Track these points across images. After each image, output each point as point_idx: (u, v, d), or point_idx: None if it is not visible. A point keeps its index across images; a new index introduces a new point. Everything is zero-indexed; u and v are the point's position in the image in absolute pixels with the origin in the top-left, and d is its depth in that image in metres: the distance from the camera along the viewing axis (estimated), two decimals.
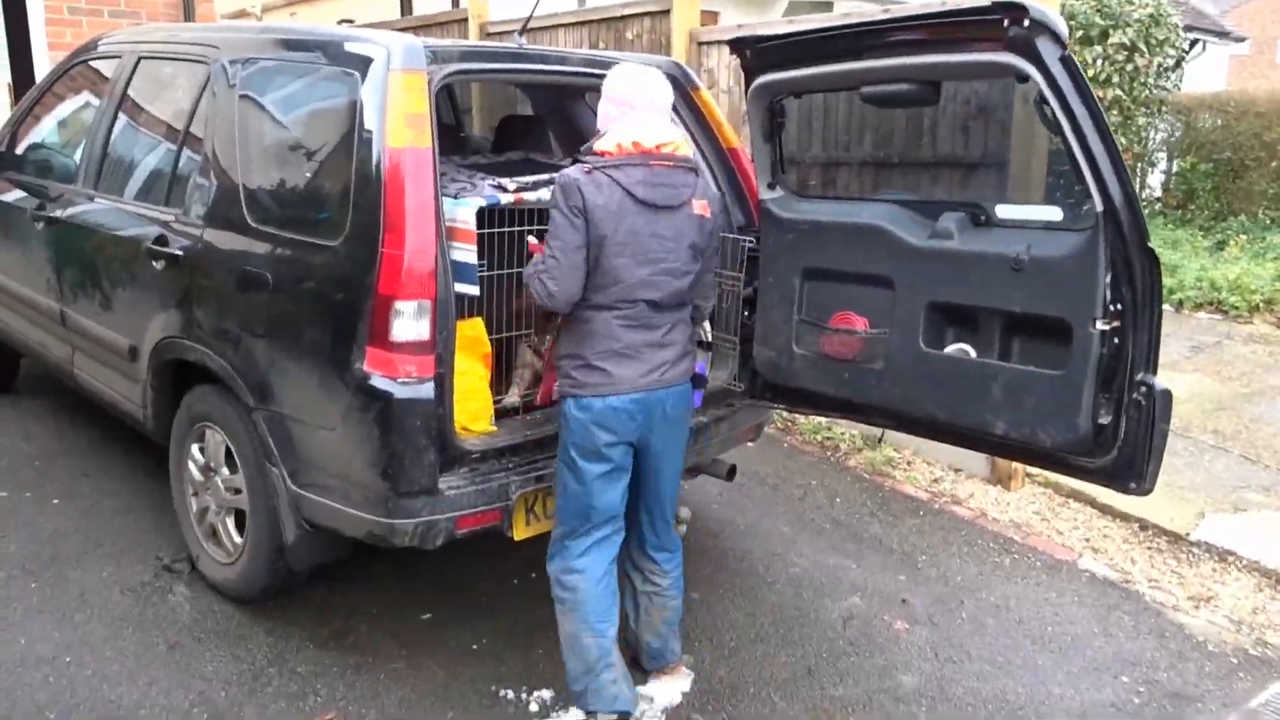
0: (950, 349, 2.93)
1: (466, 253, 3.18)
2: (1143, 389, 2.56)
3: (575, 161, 2.83)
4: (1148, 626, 3.82)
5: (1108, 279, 2.54)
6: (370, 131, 2.96)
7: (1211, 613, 3.93)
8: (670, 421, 2.93)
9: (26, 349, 4.98)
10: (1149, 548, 4.45)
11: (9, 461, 4.71)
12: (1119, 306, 2.56)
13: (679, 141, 2.89)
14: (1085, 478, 2.78)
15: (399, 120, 2.92)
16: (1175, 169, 11.70)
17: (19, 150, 4.96)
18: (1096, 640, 3.71)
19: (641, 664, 3.20)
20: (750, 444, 5.03)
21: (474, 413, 3.19)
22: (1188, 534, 4.49)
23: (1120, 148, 2.60)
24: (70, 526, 4.11)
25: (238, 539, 3.51)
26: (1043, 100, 2.57)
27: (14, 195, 4.79)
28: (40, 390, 5.64)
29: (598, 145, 2.81)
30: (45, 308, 4.51)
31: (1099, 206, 2.53)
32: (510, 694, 3.20)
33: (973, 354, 2.88)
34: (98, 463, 4.73)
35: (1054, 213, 2.78)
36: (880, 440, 5.45)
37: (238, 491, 3.43)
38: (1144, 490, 2.63)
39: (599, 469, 2.85)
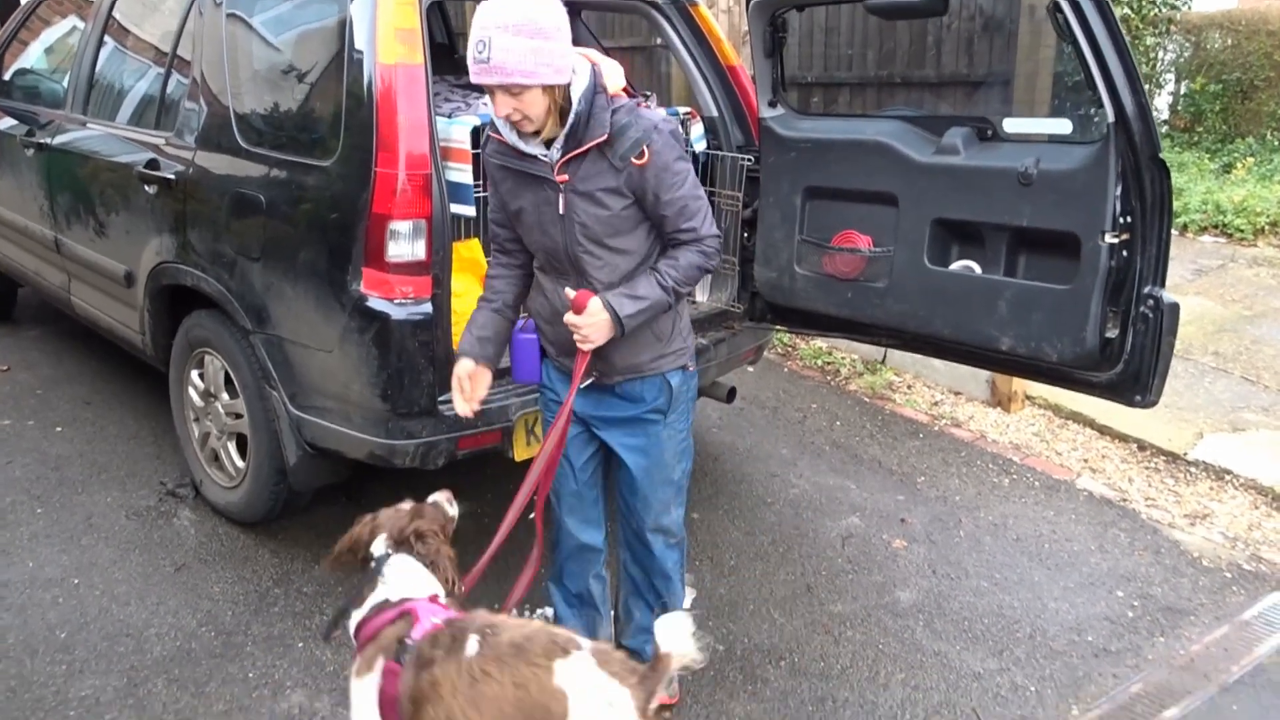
0: (955, 266, 2.91)
1: (462, 173, 3.14)
2: (1150, 302, 2.54)
3: (638, 102, 2.42)
4: (1143, 543, 3.86)
5: (1118, 191, 2.50)
6: (361, 49, 2.89)
7: (1207, 530, 3.96)
8: None
9: (23, 277, 4.96)
10: (1147, 467, 4.48)
11: (10, 389, 4.72)
12: (1128, 219, 2.53)
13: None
14: (1089, 392, 2.78)
15: (389, 35, 2.85)
16: (1183, 90, 11.49)
17: (5, 76, 4.88)
18: (1093, 557, 3.76)
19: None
20: (750, 367, 5.03)
21: None
22: (1185, 453, 4.51)
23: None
24: (74, 453, 4.13)
25: (240, 463, 3.53)
26: (1056, 7, 2.51)
27: (4, 122, 4.73)
28: (39, 319, 5.63)
29: (614, 85, 2.38)
30: (40, 235, 4.47)
31: (1110, 117, 2.48)
32: (514, 612, 3.24)
33: (978, 270, 2.85)
34: (99, 390, 4.74)
35: (1063, 125, 2.73)
36: (883, 362, 5.45)
37: (238, 416, 3.44)
38: (1149, 403, 2.63)
39: None
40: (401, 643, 2.04)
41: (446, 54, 4.92)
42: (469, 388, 2.51)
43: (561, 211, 2.35)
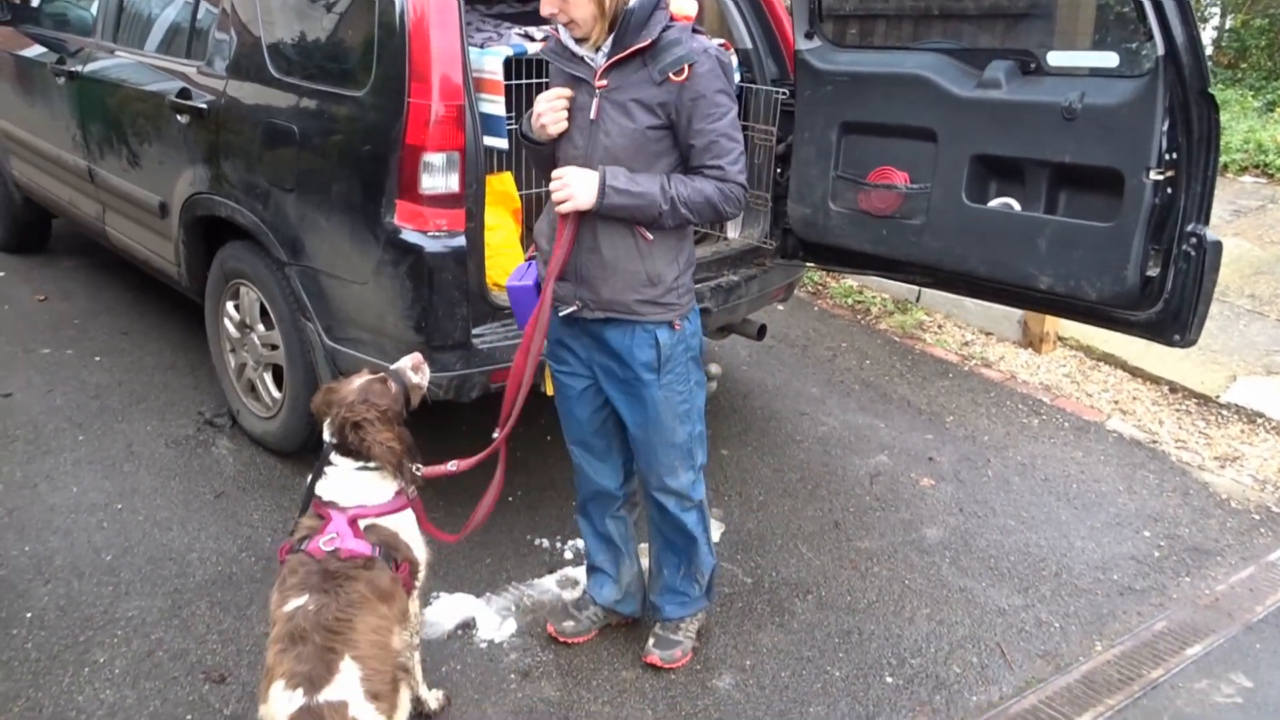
0: (994, 202, 2.87)
1: (494, 104, 3.12)
2: (1193, 240, 2.50)
3: (694, 30, 2.31)
4: (1172, 485, 3.86)
5: (1164, 127, 2.45)
6: None
7: (1237, 472, 3.95)
8: None
9: (57, 208, 4.99)
10: (1178, 409, 4.45)
11: (49, 319, 4.79)
12: (1174, 155, 2.48)
13: None
14: (1127, 331, 2.75)
15: None
16: (1228, 25, 11.13)
17: (34, 1, 4.85)
18: (1120, 497, 3.76)
19: (641, 609, 2.97)
20: (780, 305, 5.02)
21: (505, 268, 3.17)
22: (1217, 396, 4.48)
23: None
24: (113, 382, 4.20)
25: (276, 393, 3.58)
26: None
27: (34, 50, 4.71)
28: (75, 249, 5.68)
29: (683, 9, 2.32)
30: (73, 165, 4.49)
31: (1160, 50, 2.41)
32: (545, 543, 3.30)
33: (1017, 207, 2.81)
34: (136, 321, 4.80)
35: (1110, 58, 2.66)
36: (918, 300, 5.41)
37: (274, 347, 3.48)
38: (1188, 342, 2.61)
39: None
40: (300, 539, 2.15)
41: None
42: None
43: (593, 117, 2.31)
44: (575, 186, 2.27)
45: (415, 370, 2.42)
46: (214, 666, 2.68)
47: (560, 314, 2.46)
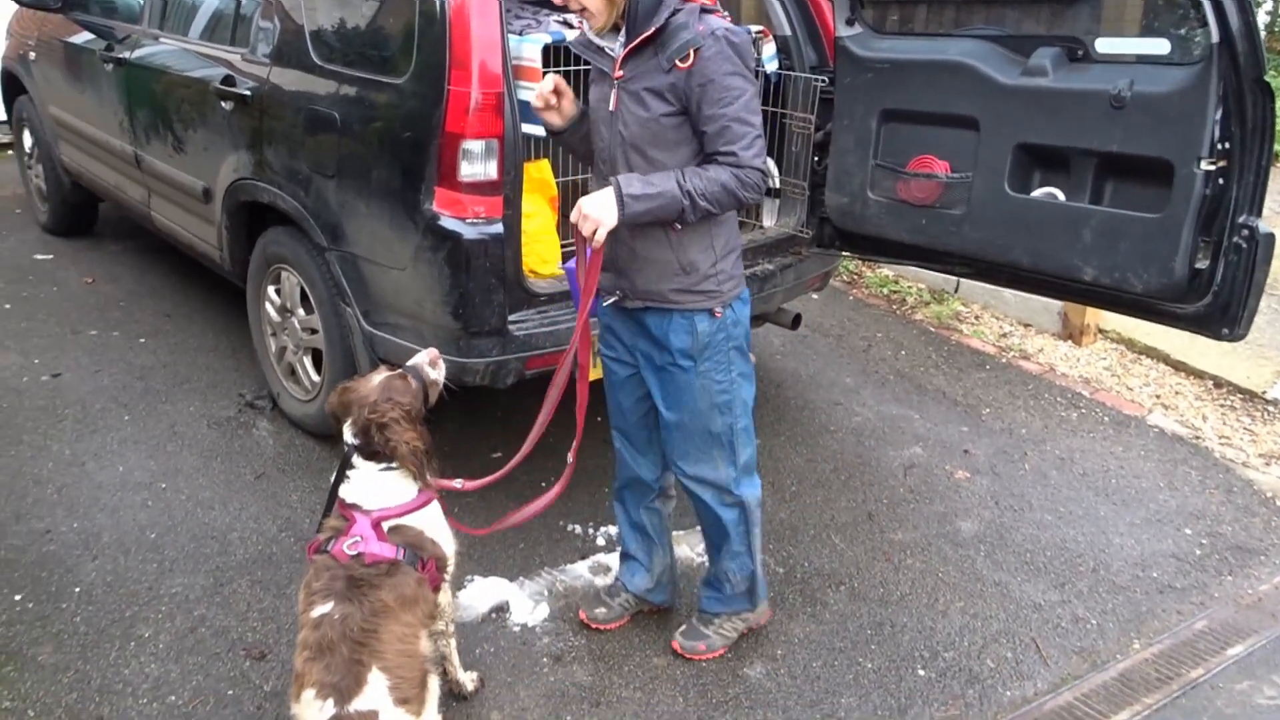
0: (1038, 192, 2.83)
1: (532, 92, 3.11)
2: (1245, 232, 2.46)
3: (704, 12, 2.25)
4: (1215, 482, 3.80)
5: (1217, 116, 2.40)
6: None
7: None
8: None
9: (105, 192, 5.08)
10: (1222, 405, 4.38)
11: (96, 301, 4.89)
12: (1226, 145, 2.43)
13: None
14: (1174, 324, 2.71)
15: None
16: None
17: None
18: (1161, 494, 3.71)
19: (671, 598, 2.97)
20: (815, 294, 5.01)
21: (541, 255, 3.20)
22: (1263, 392, 4.39)
23: None
24: (157, 363, 4.29)
25: (315, 377, 3.63)
26: None
27: (83, 37, 4.79)
28: (121, 233, 5.79)
29: None
30: (120, 150, 4.57)
31: (1214, 37, 2.36)
32: (578, 529, 3.33)
33: (1061, 197, 2.77)
34: (179, 304, 4.89)
35: (1161, 45, 2.61)
36: (955, 290, 5.36)
37: (314, 331, 3.53)
38: (1237, 336, 2.56)
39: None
40: (326, 540, 2.17)
41: None
42: (553, 97, 2.39)
43: (612, 108, 2.31)
44: (596, 212, 2.25)
45: (432, 365, 2.40)
46: (254, 643, 2.74)
47: (604, 304, 2.48)
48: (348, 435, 2.27)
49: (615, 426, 2.74)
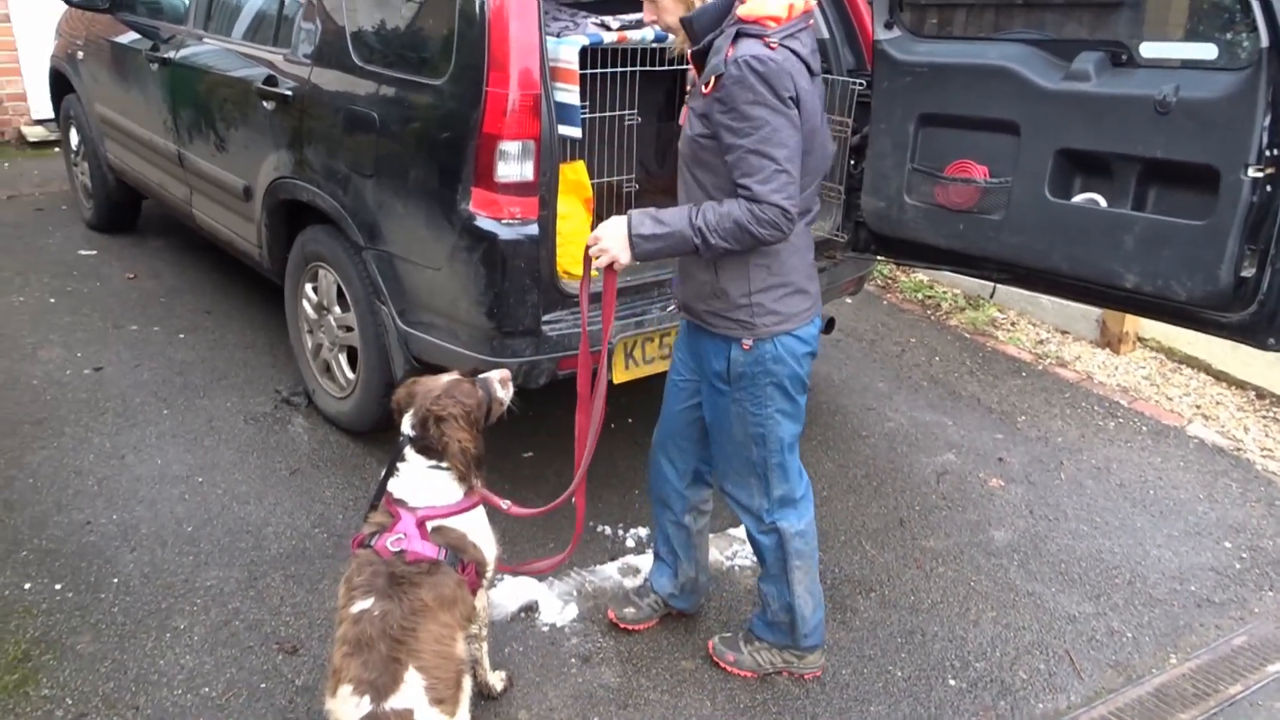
0: (1079, 198, 2.79)
1: (569, 94, 3.14)
2: None
3: (740, 36, 2.14)
4: (1256, 494, 3.73)
5: (1266, 122, 2.35)
6: None
7: None
8: None
9: (147, 190, 5.16)
10: (1264, 416, 4.30)
11: (137, 296, 4.98)
12: (1274, 152, 2.38)
13: None
14: (1217, 333, 2.66)
15: None
16: None
17: None
18: (1200, 505, 3.65)
19: (684, 607, 2.91)
20: (849, 299, 4.97)
21: (576, 256, 3.19)
22: None
23: None
24: (196, 359, 4.35)
25: (350, 374, 3.67)
26: None
27: (129, 37, 4.88)
28: (163, 230, 5.89)
29: (759, 9, 2.15)
30: (163, 149, 4.64)
31: (1264, 41, 2.32)
32: (608, 530, 3.33)
33: (1103, 203, 2.73)
34: (218, 300, 4.96)
35: (1208, 50, 2.57)
36: (991, 296, 5.30)
37: (349, 329, 3.56)
38: None
39: (804, 392, 2.48)
40: (370, 534, 2.20)
41: None
42: None
43: (681, 122, 2.34)
44: (611, 245, 2.27)
45: (502, 385, 2.40)
46: (287, 638, 2.77)
47: (668, 309, 2.48)
48: (405, 426, 2.29)
49: (656, 439, 2.74)
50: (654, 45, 3.36)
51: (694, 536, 2.80)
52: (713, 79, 2.14)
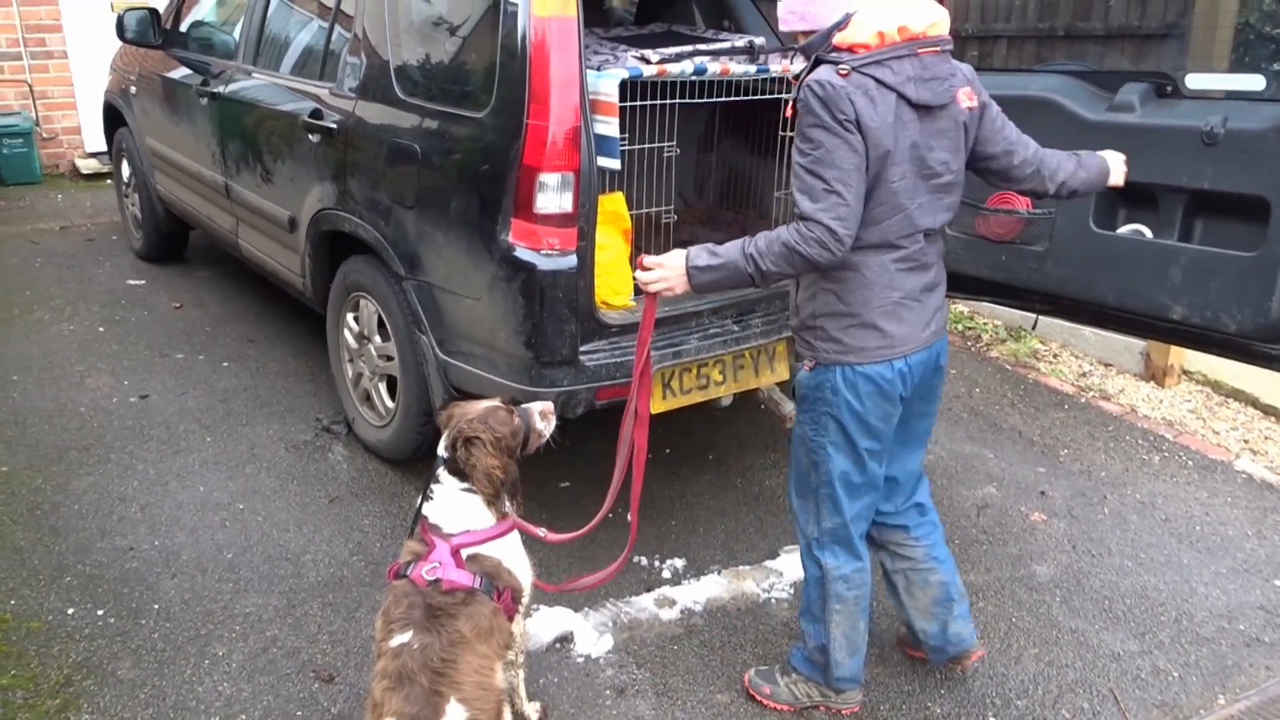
0: (1124, 229, 2.77)
1: (609, 125, 3.17)
2: None
3: (818, 63, 2.20)
4: None
5: None
6: (516, 2, 2.93)
7: None
8: (939, 374, 2.52)
9: (195, 221, 5.28)
10: None
11: (183, 325, 5.07)
12: None
13: (944, 19, 2.27)
14: (1269, 365, 2.62)
15: None
16: None
17: (183, 27, 5.16)
18: (1249, 542, 3.56)
19: (928, 657, 2.81)
20: None
21: (614, 287, 3.23)
22: None
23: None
24: (239, 386, 4.42)
25: (390, 403, 3.70)
26: None
27: (180, 72, 5.01)
28: (209, 260, 6.01)
29: (849, 36, 2.18)
30: (211, 181, 4.75)
31: None
32: (644, 560, 3.32)
33: (1149, 234, 2.71)
34: (262, 329, 5.04)
35: (1256, 81, 2.55)
36: (1033, 327, 5.24)
37: (389, 358, 3.60)
38: None
39: (876, 446, 2.43)
40: (405, 564, 2.21)
41: (595, 5, 4.94)
42: None
43: None
44: (668, 273, 2.32)
45: (543, 417, 2.41)
46: (324, 666, 2.78)
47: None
48: (441, 448, 2.32)
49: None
50: (693, 78, 3.39)
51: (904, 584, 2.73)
52: (791, 103, 2.23)
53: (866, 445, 2.41)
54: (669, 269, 2.32)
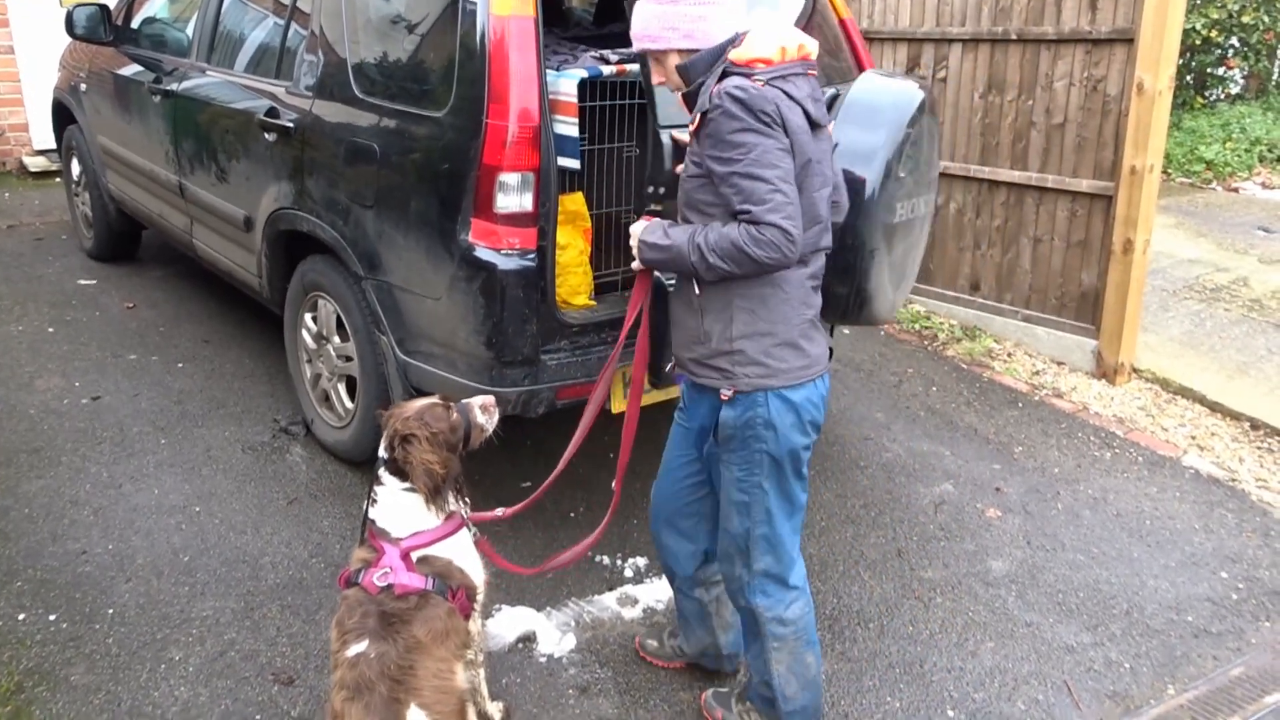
0: None
1: (568, 125, 3.17)
2: None
3: (724, 76, 2.13)
4: (1252, 525, 3.73)
5: None
6: (474, 1, 2.93)
7: None
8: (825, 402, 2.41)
9: (148, 220, 5.19)
10: (1259, 447, 4.31)
11: (136, 326, 4.99)
12: None
13: (815, 44, 2.26)
14: None
15: None
16: None
17: (134, 24, 5.08)
18: (1196, 536, 3.65)
19: (722, 667, 2.79)
20: (846, 329, 5.00)
21: (574, 287, 3.23)
22: None
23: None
24: (194, 388, 4.36)
25: (349, 404, 3.67)
26: None
27: (133, 69, 4.93)
28: (163, 259, 5.91)
29: (748, 52, 2.12)
30: (164, 179, 4.68)
31: None
32: (606, 560, 3.33)
33: None
34: (217, 329, 4.97)
35: None
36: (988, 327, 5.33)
37: (349, 359, 3.57)
38: None
39: (806, 470, 2.34)
40: (356, 571, 2.19)
41: (554, 5, 4.94)
42: None
43: (676, 170, 2.36)
44: (633, 241, 2.30)
45: (484, 410, 2.40)
46: (283, 669, 2.75)
47: (667, 368, 2.49)
48: (381, 449, 2.31)
49: (657, 512, 2.62)
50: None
51: (706, 606, 2.66)
52: (699, 116, 2.13)
53: (793, 477, 2.31)
54: (635, 237, 2.29)
